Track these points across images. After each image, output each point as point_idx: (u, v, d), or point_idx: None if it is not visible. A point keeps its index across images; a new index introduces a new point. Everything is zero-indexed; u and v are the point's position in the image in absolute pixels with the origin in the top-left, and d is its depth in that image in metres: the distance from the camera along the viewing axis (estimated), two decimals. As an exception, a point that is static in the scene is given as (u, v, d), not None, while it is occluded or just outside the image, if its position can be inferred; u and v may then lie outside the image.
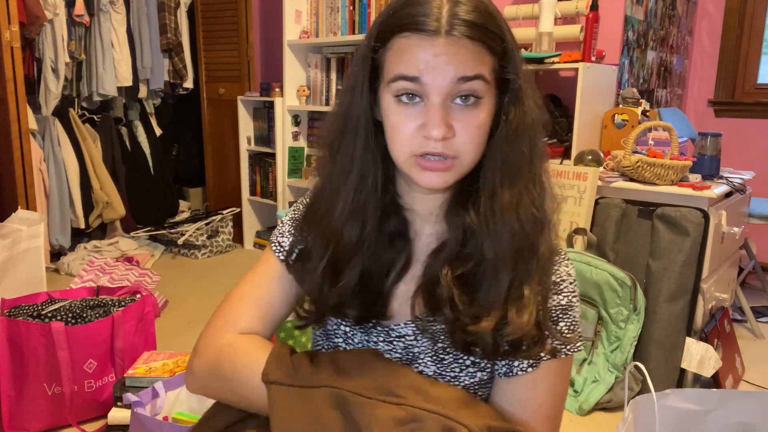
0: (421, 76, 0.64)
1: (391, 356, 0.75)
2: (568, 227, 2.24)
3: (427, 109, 0.65)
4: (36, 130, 3.21)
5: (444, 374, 0.73)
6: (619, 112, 2.53)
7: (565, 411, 1.96)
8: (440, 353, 0.73)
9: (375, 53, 0.68)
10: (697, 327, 2.02)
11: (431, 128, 0.64)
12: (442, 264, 0.71)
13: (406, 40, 0.65)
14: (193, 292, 3.05)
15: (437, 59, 0.63)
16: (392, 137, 0.68)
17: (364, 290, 0.73)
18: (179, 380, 1.59)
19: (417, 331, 0.74)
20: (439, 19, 0.64)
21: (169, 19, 3.76)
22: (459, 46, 0.64)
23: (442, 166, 0.67)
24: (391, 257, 0.75)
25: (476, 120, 0.66)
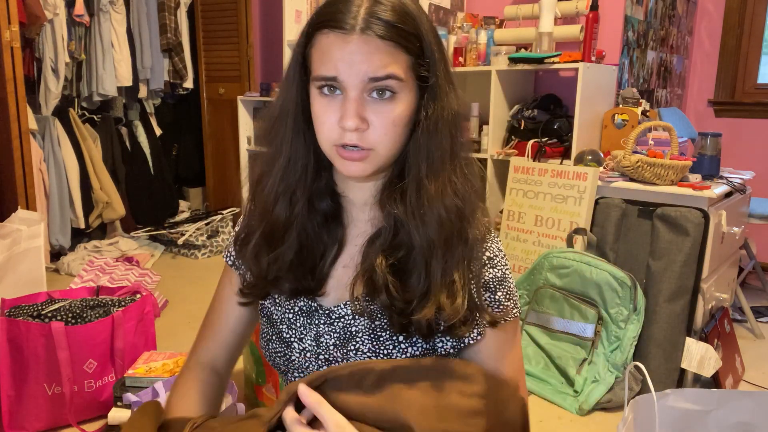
0: (338, 75, 0.68)
1: (330, 337, 0.78)
2: (568, 227, 2.24)
3: (344, 102, 0.68)
4: (36, 130, 3.21)
5: (378, 351, 0.76)
6: (619, 112, 2.53)
7: (565, 411, 1.96)
8: (377, 331, 0.76)
9: (304, 48, 0.72)
10: (697, 327, 2.02)
11: (345, 120, 0.68)
12: (377, 252, 0.75)
13: (326, 37, 0.68)
14: (193, 292, 3.05)
15: (351, 57, 0.67)
16: (317, 128, 0.72)
17: (300, 265, 0.78)
18: (179, 380, 1.59)
19: (355, 312, 0.77)
20: (356, 17, 0.67)
21: (169, 19, 3.76)
22: (372, 46, 0.67)
23: (358, 156, 0.70)
24: (325, 239, 0.80)
25: (391, 114, 0.69)
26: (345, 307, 0.78)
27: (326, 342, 0.79)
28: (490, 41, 2.77)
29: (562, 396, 2.00)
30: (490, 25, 2.87)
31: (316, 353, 0.79)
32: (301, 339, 0.80)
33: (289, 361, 0.81)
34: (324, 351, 0.79)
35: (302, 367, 0.80)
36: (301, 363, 0.80)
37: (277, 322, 0.82)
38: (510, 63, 2.58)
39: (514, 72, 2.67)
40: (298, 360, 0.80)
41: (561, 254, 2.12)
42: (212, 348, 0.90)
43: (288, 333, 0.81)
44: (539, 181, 2.37)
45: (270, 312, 0.83)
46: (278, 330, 0.82)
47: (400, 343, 0.76)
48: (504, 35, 2.79)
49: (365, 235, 0.78)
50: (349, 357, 0.77)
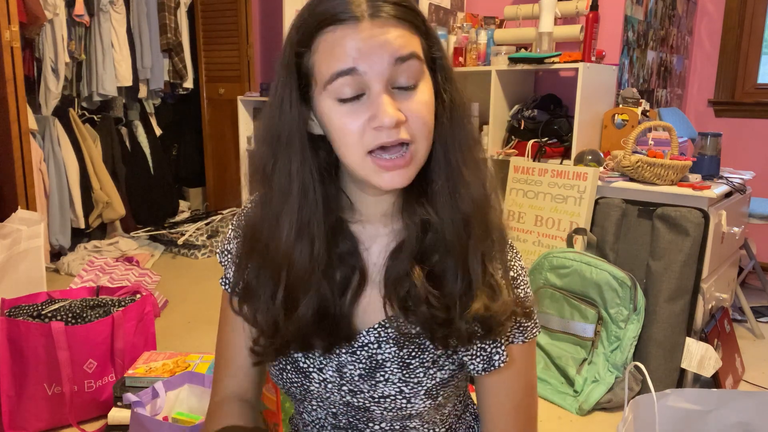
0: (357, 65, 0.60)
1: (354, 367, 0.72)
2: (568, 227, 2.24)
3: (372, 100, 0.61)
4: (36, 130, 3.21)
5: (408, 380, 0.71)
6: (619, 112, 2.53)
7: (565, 411, 1.96)
8: (406, 358, 0.71)
9: (300, 59, 0.64)
10: (697, 327, 2.02)
11: (382, 116, 0.60)
12: (406, 262, 0.68)
13: (332, 34, 0.61)
14: (193, 292, 3.05)
15: (369, 43, 0.60)
16: (341, 140, 0.63)
17: (324, 316, 0.70)
18: (179, 380, 1.59)
19: (381, 338, 0.72)
20: (360, 4, 0.61)
21: (169, 19, 3.76)
22: (387, 27, 0.61)
23: (402, 162, 0.63)
24: (344, 276, 0.71)
25: (422, 99, 0.63)
26: (368, 334, 0.72)
27: (350, 373, 0.73)
28: (490, 41, 2.77)
29: (562, 396, 2.00)
30: (490, 25, 2.87)
31: (339, 384, 0.73)
32: (321, 370, 0.74)
33: (307, 392, 0.75)
34: (348, 382, 0.73)
35: (322, 397, 0.75)
36: (321, 393, 0.74)
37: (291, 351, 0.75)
38: (510, 63, 2.58)
39: (514, 72, 2.67)
40: (318, 390, 0.74)
41: (561, 254, 2.12)
42: (236, 383, 0.83)
43: (305, 363, 0.74)
44: (539, 181, 2.37)
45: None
46: (293, 359, 0.75)
47: (429, 369, 0.72)
48: (504, 35, 2.79)
49: (387, 251, 0.71)
50: (377, 387, 0.72)
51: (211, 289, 3.10)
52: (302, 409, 0.80)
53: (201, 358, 1.82)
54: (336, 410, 0.75)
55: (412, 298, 0.68)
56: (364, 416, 0.74)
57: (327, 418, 0.77)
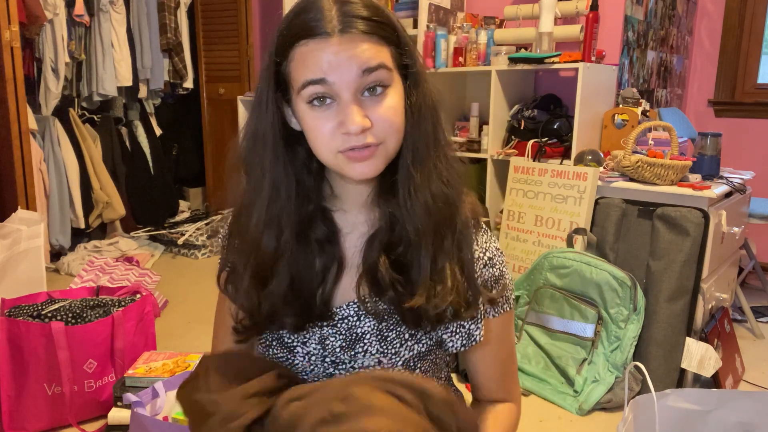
0: (326, 76, 0.66)
1: (335, 339, 0.78)
2: (568, 227, 2.24)
3: (341, 108, 0.67)
4: (36, 130, 3.21)
5: (386, 351, 0.77)
6: (619, 112, 2.53)
7: (565, 411, 1.96)
8: (384, 331, 0.77)
9: (279, 67, 0.70)
10: (697, 327, 2.02)
11: (349, 124, 0.67)
12: (377, 251, 0.75)
13: (305, 47, 0.67)
14: (193, 292, 3.05)
15: (338, 56, 0.66)
16: (313, 140, 0.70)
17: (297, 298, 0.76)
18: (179, 380, 1.59)
19: (360, 312, 0.77)
20: (331, 20, 0.66)
21: (169, 19, 3.76)
22: (356, 42, 0.66)
23: (368, 152, 0.69)
24: (323, 264, 0.77)
25: (390, 104, 0.69)
26: (348, 308, 0.78)
27: (332, 344, 0.78)
28: (490, 41, 2.77)
29: (562, 396, 2.00)
30: (490, 25, 2.87)
31: (321, 356, 0.78)
32: (305, 343, 0.79)
33: (291, 366, 0.80)
34: (330, 353, 0.78)
35: (306, 371, 0.79)
36: (306, 367, 0.79)
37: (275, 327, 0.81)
38: (510, 63, 2.58)
39: (514, 72, 2.67)
40: (302, 364, 0.79)
41: (561, 254, 2.12)
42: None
43: (290, 338, 0.80)
44: (539, 181, 2.37)
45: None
46: (278, 335, 0.80)
47: (406, 341, 0.77)
48: (504, 35, 2.79)
49: (364, 237, 0.78)
50: (357, 359, 0.77)
51: (211, 289, 3.09)
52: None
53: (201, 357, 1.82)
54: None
55: (381, 282, 0.74)
56: None
57: None
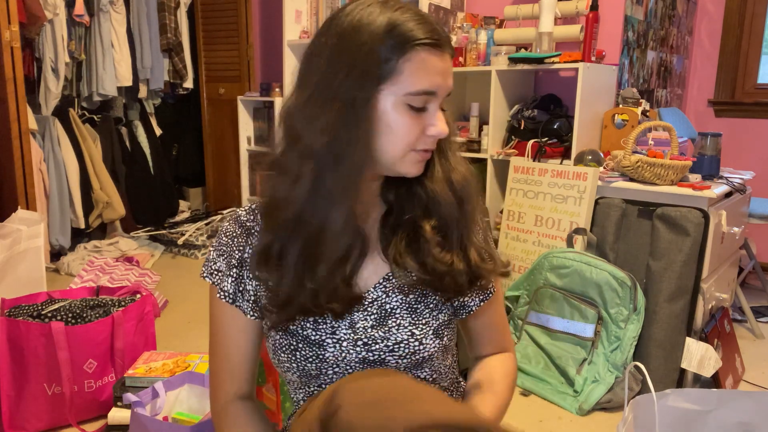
0: (437, 90, 0.75)
1: (366, 321, 0.81)
2: (568, 227, 2.24)
3: (430, 114, 0.76)
4: (36, 130, 3.21)
5: (417, 323, 0.82)
6: (619, 112, 2.53)
7: (565, 411, 1.96)
8: (413, 303, 0.83)
9: (388, 56, 0.72)
10: (697, 327, 2.02)
11: (441, 129, 0.76)
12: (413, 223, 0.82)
13: (429, 55, 0.73)
14: (193, 292, 3.05)
15: (447, 75, 0.76)
16: (396, 137, 0.75)
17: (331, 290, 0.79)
18: (179, 380, 1.59)
19: (388, 288, 0.83)
20: (447, 39, 0.75)
21: (169, 19, 3.76)
22: (450, 62, 0.77)
23: (428, 155, 0.79)
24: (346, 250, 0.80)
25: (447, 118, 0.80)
26: (375, 290, 0.83)
27: (363, 326, 0.81)
28: (490, 41, 2.77)
29: (562, 396, 2.00)
30: (490, 25, 2.87)
31: (353, 341, 0.81)
32: (334, 333, 0.81)
33: (322, 361, 0.81)
34: (362, 335, 0.81)
35: (338, 360, 0.81)
36: (337, 357, 0.81)
37: (298, 329, 0.82)
38: (510, 63, 2.58)
39: (514, 72, 2.67)
40: (333, 355, 0.80)
41: (561, 254, 2.12)
42: (235, 382, 0.89)
43: (316, 334, 0.81)
44: (539, 181, 2.37)
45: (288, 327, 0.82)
46: (304, 336, 0.81)
47: (432, 310, 0.84)
48: (504, 35, 2.79)
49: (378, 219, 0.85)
50: (391, 334, 0.81)
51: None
52: (313, 384, 0.83)
53: (201, 358, 1.82)
54: (352, 370, 0.81)
55: (418, 249, 0.81)
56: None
57: None
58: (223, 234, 0.87)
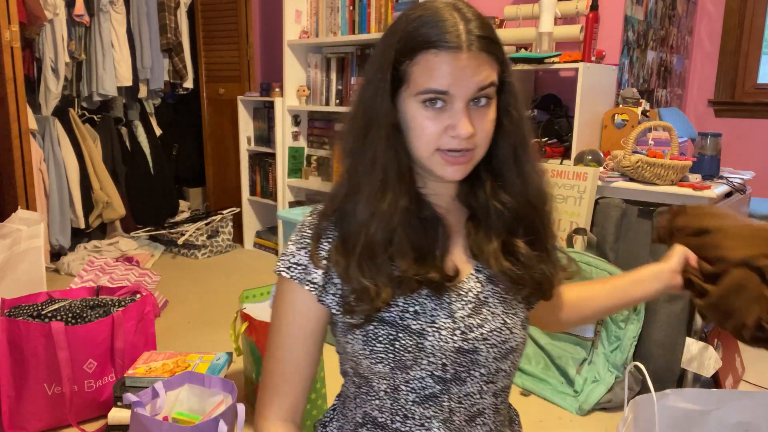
0: (449, 89, 0.75)
1: (464, 310, 0.84)
2: (568, 227, 2.24)
3: (453, 113, 0.76)
4: (36, 130, 3.21)
5: (508, 311, 0.86)
6: (619, 112, 2.53)
7: (565, 411, 1.96)
8: (503, 293, 0.86)
9: (399, 65, 0.77)
10: (697, 327, 2.02)
11: (459, 129, 0.75)
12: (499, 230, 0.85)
13: (434, 56, 0.74)
14: (193, 292, 3.05)
15: (462, 72, 0.74)
16: (418, 137, 0.78)
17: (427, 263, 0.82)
18: (179, 380, 1.59)
19: (480, 279, 0.86)
20: (459, 36, 0.74)
21: (169, 19, 3.76)
22: (478, 60, 0.75)
23: (464, 159, 0.78)
24: (431, 235, 0.84)
25: (488, 117, 0.79)
26: (468, 281, 0.85)
27: (461, 315, 0.83)
28: (490, 41, 2.77)
29: (562, 396, 2.00)
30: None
31: (452, 330, 0.82)
32: (434, 321, 0.82)
33: (421, 351, 0.81)
34: (460, 323, 0.83)
35: (435, 350, 0.81)
36: (435, 344, 0.82)
37: (397, 319, 0.82)
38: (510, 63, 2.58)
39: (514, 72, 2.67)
40: (432, 344, 0.81)
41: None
42: (288, 403, 0.86)
43: (417, 324, 0.82)
44: (539, 181, 2.37)
45: (384, 317, 0.82)
46: (404, 326, 0.82)
47: (519, 302, 0.88)
48: (504, 35, 2.79)
49: (463, 218, 0.88)
50: (486, 322, 0.84)
51: (211, 289, 3.10)
52: (399, 378, 0.83)
53: (201, 358, 1.82)
54: (446, 360, 0.82)
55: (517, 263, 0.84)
56: (470, 361, 0.83)
57: (433, 374, 0.82)
58: (306, 227, 0.86)
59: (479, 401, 0.85)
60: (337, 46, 3.37)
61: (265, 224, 3.96)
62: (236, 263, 3.61)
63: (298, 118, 3.59)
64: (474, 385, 0.84)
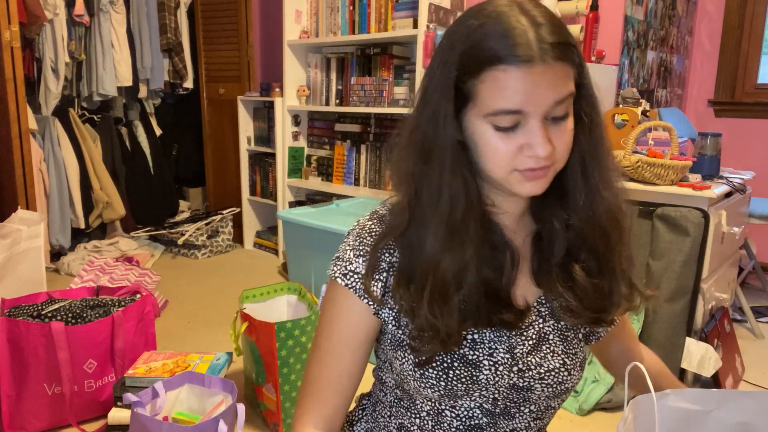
0: (523, 108, 0.66)
1: (524, 345, 0.78)
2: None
3: (528, 131, 0.68)
4: (36, 130, 3.21)
5: (569, 351, 0.80)
6: (619, 112, 2.53)
7: (565, 411, 1.96)
8: (564, 331, 0.81)
9: (463, 83, 0.69)
10: (697, 327, 2.02)
11: (537, 148, 0.67)
12: (559, 256, 0.77)
13: (503, 73, 0.65)
14: (193, 292, 3.05)
15: (537, 88, 0.65)
16: (491, 159, 0.70)
17: (496, 296, 0.76)
18: (179, 380, 1.59)
19: (542, 313, 0.80)
20: (530, 46, 0.65)
21: (169, 19, 3.76)
22: (554, 71, 0.66)
23: (542, 173, 0.70)
24: (499, 263, 0.77)
25: (567, 129, 0.71)
26: (531, 313, 0.79)
27: (521, 351, 0.78)
28: (490, 41, 2.77)
29: (562, 396, 2.00)
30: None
31: (510, 365, 0.77)
32: (491, 355, 0.77)
33: (474, 383, 0.76)
34: (520, 360, 0.78)
35: (489, 384, 0.77)
36: (490, 380, 0.77)
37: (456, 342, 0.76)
38: (510, 63, 2.58)
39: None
40: (486, 378, 0.76)
41: (561, 254, 2.12)
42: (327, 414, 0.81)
43: (474, 354, 0.76)
44: (539, 181, 2.37)
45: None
46: (460, 355, 0.76)
47: (580, 341, 0.83)
48: (504, 35, 2.79)
49: (529, 238, 0.80)
50: (545, 361, 0.78)
51: (211, 289, 3.10)
52: (446, 404, 0.79)
53: (201, 358, 1.82)
54: (498, 395, 0.78)
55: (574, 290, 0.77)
56: (522, 398, 0.79)
57: (482, 406, 0.78)
58: (366, 233, 0.79)
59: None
60: (337, 46, 3.37)
61: (265, 224, 3.96)
62: (236, 263, 3.61)
63: (298, 118, 3.59)
64: (522, 421, 0.80)
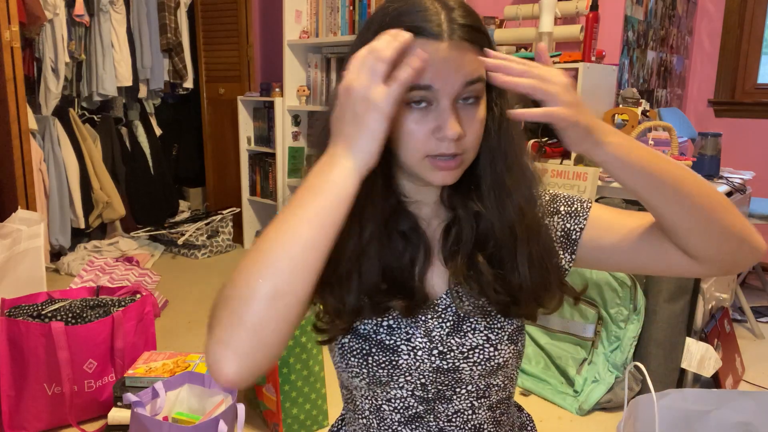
0: (433, 84, 0.66)
1: (442, 328, 0.78)
2: (568, 227, 2.24)
3: (439, 113, 0.68)
4: (36, 130, 3.21)
5: (492, 326, 0.79)
6: (619, 112, 2.53)
7: (565, 411, 1.96)
8: (486, 306, 0.78)
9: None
10: (697, 327, 2.02)
11: (447, 130, 0.67)
12: (468, 246, 0.77)
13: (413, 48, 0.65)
14: (193, 292, 3.05)
15: (447, 65, 0.66)
16: (404, 142, 0.70)
17: (394, 285, 0.76)
18: (179, 380, 1.59)
19: (460, 293, 0.79)
20: (440, 24, 0.66)
21: (169, 19, 3.76)
22: (462, 50, 0.67)
23: (454, 164, 0.70)
24: (410, 255, 0.77)
25: (478, 116, 0.70)
26: (447, 296, 0.79)
27: (439, 334, 0.78)
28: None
29: (562, 396, 2.00)
30: (490, 25, 2.87)
31: (429, 349, 0.77)
32: (409, 340, 0.77)
33: (395, 368, 0.77)
34: (439, 343, 0.78)
35: (411, 369, 0.77)
36: (410, 365, 0.77)
37: (371, 333, 0.78)
38: (510, 63, 2.58)
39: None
40: (407, 363, 0.77)
41: (561, 254, 2.12)
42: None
43: (391, 339, 0.77)
44: (539, 181, 2.37)
45: (359, 330, 0.78)
46: (378, 341, 0.78)
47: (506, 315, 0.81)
48: (504, 35, 2.79)
49: (441, 228, 0.80)
50: (466, 339, 0.78)
51: (211, 289, 3.10)
52: (380, 397, 0.80)
53: (201, 358, 1.82)
54: (425, 380, 0.78)
55: (477, 280, 0.76)
56: (452, 380, 0.78)
57: (414, 393, 0.78)
58: None
59: (473, 417, 0.81)
60: (337, 46, 3.37)
61: (265, 224, 3.95)
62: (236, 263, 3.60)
63: (298, 118, 3.59)
64: (462, 402, 0.79)
